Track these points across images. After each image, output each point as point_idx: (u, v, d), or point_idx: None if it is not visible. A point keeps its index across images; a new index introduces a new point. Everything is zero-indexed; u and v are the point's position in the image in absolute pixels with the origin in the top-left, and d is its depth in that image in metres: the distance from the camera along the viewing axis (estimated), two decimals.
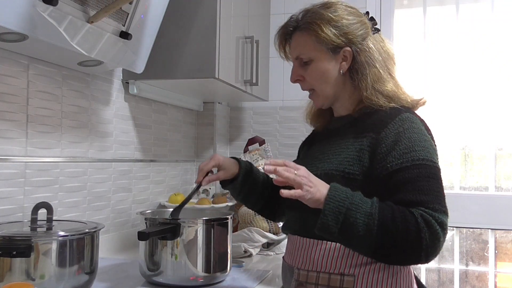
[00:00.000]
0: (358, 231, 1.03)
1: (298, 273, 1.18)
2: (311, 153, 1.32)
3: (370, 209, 1.04)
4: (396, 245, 1.03)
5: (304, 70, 1.26)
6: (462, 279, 2.47)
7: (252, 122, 2.67)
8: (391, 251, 1.05)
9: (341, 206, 1.04)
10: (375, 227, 1.02)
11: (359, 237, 1.03)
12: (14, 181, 1.41)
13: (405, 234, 1.02)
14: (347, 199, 1.05)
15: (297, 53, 1.26)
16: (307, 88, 1.29)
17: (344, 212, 1.03)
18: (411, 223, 1.02)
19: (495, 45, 2.40)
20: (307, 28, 1.22)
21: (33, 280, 1.10)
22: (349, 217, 1.03)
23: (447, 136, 2.43)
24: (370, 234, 1.02)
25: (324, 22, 1.20)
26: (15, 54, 1.40)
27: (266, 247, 1.92)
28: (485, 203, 2.36)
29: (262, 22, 2.36)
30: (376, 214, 1.03)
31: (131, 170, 1.97)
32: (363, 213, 1.03)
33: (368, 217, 1.03)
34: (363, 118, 1.20)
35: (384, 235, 1.02)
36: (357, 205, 1.04)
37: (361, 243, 1.05)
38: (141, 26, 1.55)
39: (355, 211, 1.03)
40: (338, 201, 1.04)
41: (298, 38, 1.26)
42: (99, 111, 1.77)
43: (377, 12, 2.48)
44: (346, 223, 1.03)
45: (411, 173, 1.08)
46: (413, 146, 1.10)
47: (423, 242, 1.02)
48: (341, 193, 1.06)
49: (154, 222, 1.37)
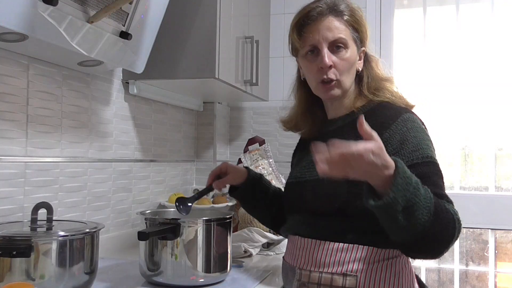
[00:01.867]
0: (419, 214, 0.95)
1: (300, 273, 1.18)
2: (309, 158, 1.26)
3: (429, 194, 0.98)
4: (438, 233, 0.99)
5: (336, 55, 1.22)
6: (462, 279, 2.47)
7: (252, 122, 2.67)
8: (430, 240, 1.00)
9: (409, 184, 0.95)
10: (431, 215, 0.97)
11: (417, 220, 0.96)
12: (14, 181, 1.41)
13: (448, 224, 1.01)
14: (413, 177, 0.97)
15: (337, 36, 1.21)
16: (334, 77, 1.22)
17: (411, 190, 0.95)
18: (450, 214, 1.02)
19: (495, 45, 2.40)
20: (350, 15, 1.24)
21: (33, 280, 1.10)
22: (415, 197, 0.95)
23: (447, 136, 2.42)
24: (427, 220, 0.96)
25: (360, 16, 1.25)
26: (15, 54, 1.40)
27: (266, 247, 1.92)
28: (485, 203, 2.36)
29: (262, 22, 2.36)
30: (433, 200, 0.98)
31: (131, 170, 1.97)
32: (425, 196, 0.97)
33: (428, 201, 0.97)
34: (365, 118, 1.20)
35: (434, 223, 0.97)
36: (419, 187, 0.97)
37: (414, 227, 0.97)
38: (141, 26, 1.55)
39: (419, 192, 0.96)
40: (407, 177, 0.95)
41: (337, 22, 1.23)
42: (99, 111, 1.77)
43: (377, 12, 2.48)
44: (411, 202, 0.95)
45: (424, 169, 1.08)
46: (420, 144, 1.12)
47: (455, 234, 1.02)
48: (407, 169, 0.97)
49: (154, 222, 1.37)
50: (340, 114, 1.29)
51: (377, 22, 2.47)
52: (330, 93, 1.24)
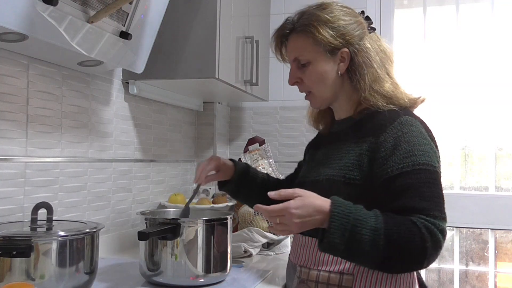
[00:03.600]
0: (364, 247, 1.00)
1: (300, 270, 1.19)
2: (317, 157, 1.31)
3: (375, 224, 1.01)
4: (401, 256, 1.02)
5: (302, 72, 1.25)
6: (462, 279, 2.47)
7: (252, 122, 2.67)
8: (396, 263, 1.03)
9: (346, 223, 1.00)
10: (381, 242, 1.00)
11: (365, 252, 1.00)
12: (14, 181, 1.41)
13: (411, 245, 1.01)
14: (351, 214, 1.01)
15: (295, 55, 1.25)
16: (305, 90, 1.28)
17: (349, 228, 0.99)
18: (416, 234, 1.01)
19: (495, 45, 2.40)
20: (304, 30, 1.21)
21: (33, 280, 1.10)
22: (355, 234, 0.99)
23: (447, 136, 2.42)
24: (376, 249, 1.00)
25: (321, 24, 1.19)
26: (15, 54, 1.40)
27: (266, 247, 1.92)
28: (485, 203, 2.36)
29: (262, 22, 2.36)
30: (382, 228, 1.00)
31: (131, 170, 1.97)
32: (369, 228, 1.00)
33: (374, 232, 1.00)
34: (363, 122, 1.20)
35: (390, 249, 1.00)
36: (362, 220, 1.01)
37: (367, 258, 1.02)
38: (141, 26, 1.55)
39: (360, 227, 1.00)
40: (342, 218, 1.00)
41: (295, 40, 1.25)
42: (99, 111, 1.77)
43: (377, 12, 2.48)
44: (352, 240, 0.99)
45: (412, 178, 1.06)
46: (412, 151, 1.09)
47: (428, 251, 1.01)
48: (345, 208, 1.02)
49: (154, 222, 1.37)
50: (342, 117, 1.29)
51: (377, 22, 2.47)
52: (312, 104, 1.31)
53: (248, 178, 1.45)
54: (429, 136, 1.16)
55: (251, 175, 1.46)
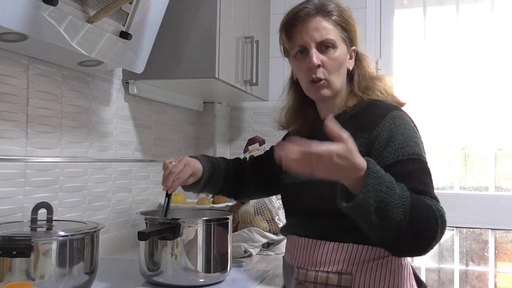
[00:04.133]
0: (392, 212, 0.95)
1: (298, 272, 1.19)
2: None
3: (405, 192, 0.98)
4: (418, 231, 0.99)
5: (325, 54, 1.23)
6: (462, 279, 2.47)
7: (252, 122, 2.67)
8: (413, 236, 0.99)
9: (381, 184, 0.95)
10: (407, 212, 0.96)
11: (391, 218, 0.96)
12: (14, 181, 1.41)
13: (429, 221, 0.99)
14: (386, 177, 0.97)
15: (325, 36, 1.22)
16: (323, 76, 1.23)
17: (384, 190, 0.95)
18: (431, 210, 1.00)
19: (495, 45, 2.40)
20: (337, 15, 1.24)
21: (33, 280, 1.10)
22: (389, 197, 0.95)
23: (447, 136, 2.42)
24: (403, 217, 0.96)
25: (349, 15, 1.25)
26: (15, 54, 1.40)
27: (266, 247, 1.92)
28: (485, 203, 2.36)
29: (262, 22, 2.36)
30: (409, 198, 0.98)
31: (131, 170, 1.97)
32: (400, 195, 0.97)
33: (403, 200, 0.97)
34: (354, 118, 1.22)
35: (413, 221, 0.97)
36: (395, 187, 0.97)
37: (390, 225, 0.97)
38: (141, 26, 1.55)
39: (393, 192, 0.96)
40: (379, 178, 0.95)
41: (325, 22, 1.23)
42: (99, 111, 1.77)
43: (377, 12, 2.48)
44: (384, 203, 0.95)
45: (408, 166, 1.08)
46: (407, 141, 1.12)
47: (438, 230, 1.00)
48: (380, 170, 0.98)
49: (154, 222, 1.37)
50: (333, 114, 1.29)
51: (377, 22, 2.47)
52: (320, 93, 1.24)
53: (215, 174, 1.43)
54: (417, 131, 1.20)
55: (217, 173, 1.44)
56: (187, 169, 1.33)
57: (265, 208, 2.00)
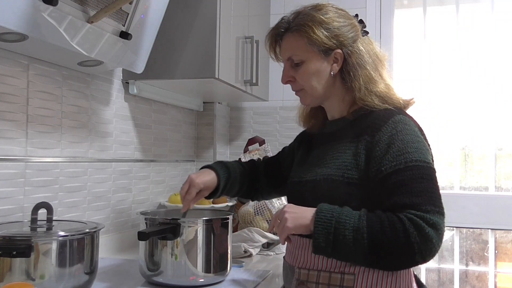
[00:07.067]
0: (350, 247, 1.06)
1: (299, 272, 1.18)
2: (310, 159, 1.31)
3: (358, 224, 1.06)
4: (389, 253, 1.05)
5: (295, 71, 1.26)
6: (462, 279, 2.47)
7: (252, 122, 2.67)
8: (385, 259, 1.07)
9: (329, 227, 1.07)
10: (365, 240, 1.05)
11: (351, 252, 1.06)
12: (14, 181, 1.41)
13: (396, 241, 1.04)
14: (333, 218, 1.07)
15: (289, 54, 1.26)
16: (298, 88, 1.29)
17: (332, 232, 1.06)
18: (399, 230, 1.03)
19: (495, 45, 2.40)
20: (299, 29, 1.22)
21: (33, 280, 1.10)
22: (338, 235, 1.06)
23: (447, 136, 2.42)
24: (361, 247, 1.05)
25: (316, 24, 1.21)
26: (15, 54, 1.40)
27: (266, 247, 1.92)
28: (485, 203, 2.36)
29: (262, 22, 2.36)
30: (365, 227, 1.05)
31: (131, 170, 1.97)
32: (351, 228, 1.06)
33: (356, 231, 1.05)
34: (358, 121, 1.21)
35: (375, 246, 1.05)
36: (344, 222, 1.06)
37: (355, 256, 1.07)
38: (141, 26, 1.55)
39: (343, 229, 1.06)
40: (325, 223, 1.07)
41: (289, 39, 1.26)
42: (99, 111, 1.77)
43: (377, 12, 2.48)
44: (336, 242, 1.06)
45: (405, 175, 1.08)
46: (406, 148, 1.11)
47: (415, 246, 1.03)
48: (327, 213, 1.08)
49: (154, 222, 1.37)
50: (335, 117, 1.29)
51: (377, 22, 2.47)
52: (302, 101, 1.32)
53: (231, 179, 1.44)
54: (422, 135, 1.18)
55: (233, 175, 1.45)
56: (191, 189, 1.36)
57: (265, 208, 2.00)
